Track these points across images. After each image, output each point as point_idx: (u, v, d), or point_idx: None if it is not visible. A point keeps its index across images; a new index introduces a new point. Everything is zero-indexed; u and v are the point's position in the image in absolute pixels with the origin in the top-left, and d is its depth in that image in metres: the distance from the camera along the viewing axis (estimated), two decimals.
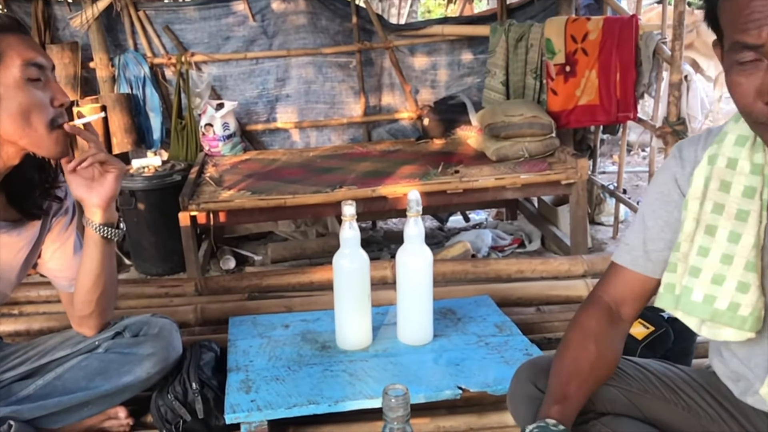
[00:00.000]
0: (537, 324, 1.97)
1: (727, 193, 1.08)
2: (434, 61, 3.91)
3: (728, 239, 1.08)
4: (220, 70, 3.90)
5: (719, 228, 1.08)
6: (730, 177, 1.09)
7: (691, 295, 1.11)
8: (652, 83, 3.04)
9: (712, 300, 1.10)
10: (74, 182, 1.34)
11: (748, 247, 1.07)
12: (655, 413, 1.23)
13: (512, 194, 3.12)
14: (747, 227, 1.07)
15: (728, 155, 1.09)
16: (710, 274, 1.09)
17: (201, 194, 3.04)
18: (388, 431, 0.91)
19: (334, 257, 1.65)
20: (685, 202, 1.14)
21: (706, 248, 1.10)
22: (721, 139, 1.11)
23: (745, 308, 1.07)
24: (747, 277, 1.07)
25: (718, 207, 1.09)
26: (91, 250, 1.40)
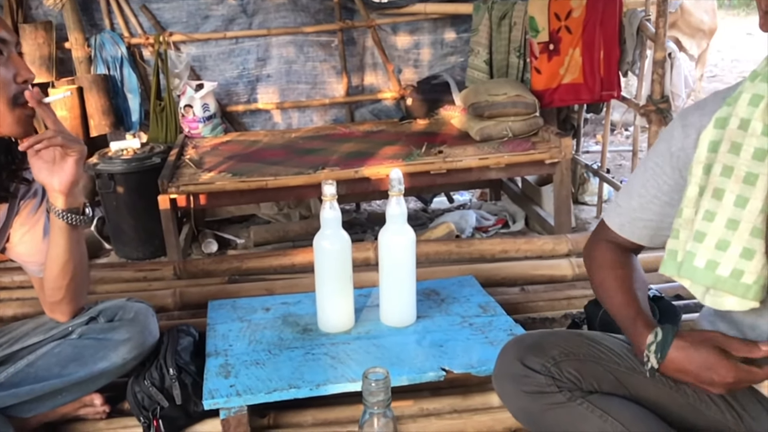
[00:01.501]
0: (521, 304, 1.96)
1: (737, 156, 1.05)
2: (417, 39, 3.86)
3: (735, 203, 1.05)
4: (199, 50, 3.82)
5: (726, 192, 1.05)
6: (741, 138, 1.05)
7: (693, 261, 1.09)
8: (635, 61, 3.02)
9: (715, 266, 1.07)
10: (35, 165, 1.28)
11: (755, 212, 1.03)
12: (642, 391, 1.22)
13: (496, 174, 3.09)
14: (755, 191, 1.03)
15: (741, 116, 1.05)
16: (715, 239, 1.07)
17: (181, 177, 2.99)
18: (368, 416, 0.88)
19: (314, 238, 1.62)
20: (690, 168, 1.11)
21: (712, 213, 1.07)
22: (735, 99, 1.07)
23: (749, 276, 1.05)
24: (752, 243, 1.04)
25: (727, 169, 1.05)
26: (57, 236, 1.35)
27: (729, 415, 1.22)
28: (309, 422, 1.52)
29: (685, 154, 1.13)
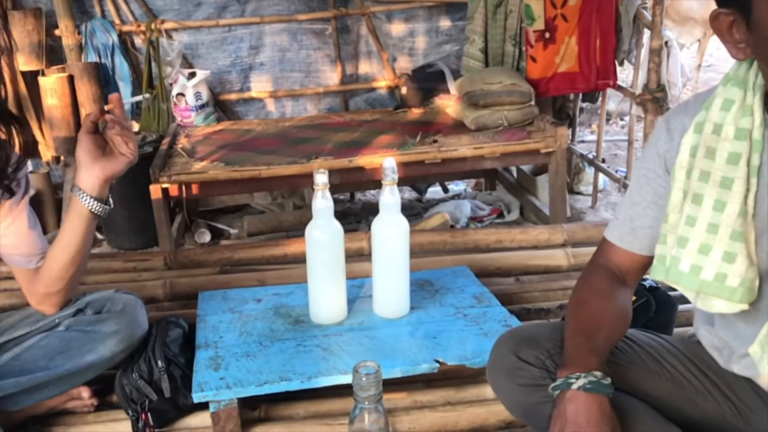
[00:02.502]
0: (516, 294, 1.94)
1: (713, 161, 1.05)
2: (412, 27, 3.82)
3: (713, 208, 1.05)
4: (191, 37, 3.77)
5: (705, 197, 1.05)
6: (715, 143, 1.05)
7: (678, 266, 1.09)
8: (632, 49, 2.99)
9: (699, 270, 1.07)
10: (84, 144, 1.28)
11: (733, 216, 1.03)
12: (640, 385, 1.21)
13: (491, 164, 3.07)
14: (732, 195, 1.03)
15: (714, 121, 1.06)
16: (697, 244, 1.06)
17: (172, 166, 2.96)
18: (359, 411, 0.86)
19: (306, 228, 1.59)
20: (673, 172, 1.10)
21: (693, 218, 1.07)
22: (709, 104, 1.07)
23: (732, 279, 1.04)
24: (733, 247, 1.04)
25: (704, 175, 1.05)
26: (75, 224, 1.33)
27: (726, 408, 1.21)
28: (301, 415, 1.50)
29: (670, 155, 1.13)
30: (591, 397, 1.05)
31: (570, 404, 1.05)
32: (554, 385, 1.08)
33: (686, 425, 1.20)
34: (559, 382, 1.08)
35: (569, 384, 1.06)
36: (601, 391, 1.06)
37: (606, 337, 1.14)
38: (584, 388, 1.05)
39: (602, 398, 1.06)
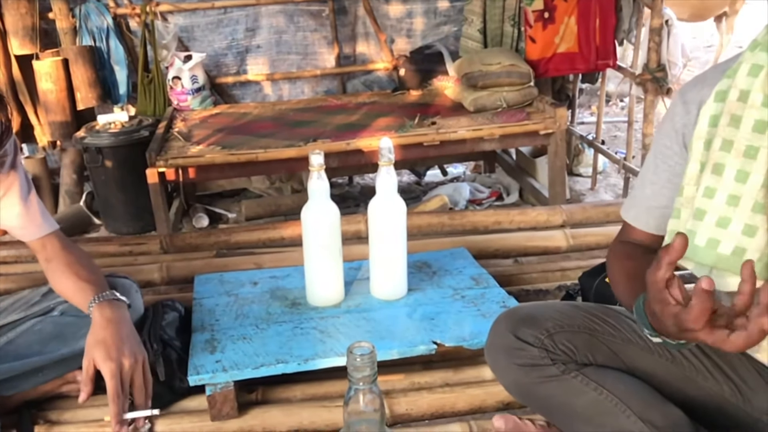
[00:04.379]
0: (515, 276, 1.92)
1: (737, 129, 1.00)
2: (410, 8, 3.78)
3: (735, 178, 1.00)
4: (186, 20, 3.73)
5: (727, 167, 1.01)
6: (741, 111, 1.00)
7: (694, 240, 1.04)
8: (632, 29, 2.95)
9: (716, 244, 1.02)
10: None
11: (757, 186, 0.99)
12: (638, 363, 1.20)
13: (490, 146, 3.04)
14: (756, 165, 0.99)
15: (741, 87, 1.01)
16: (715, 216, 1.02)
17: (169, 150, 2.94)
18: (354, 393, 0.84)
19: (302, 211, 1.57)
20: (689, 144, 1.07)
21: (712, 189, 1.02)
22: (735, 70, 1.03)
23: (751, 253, 1.00)
24: (755, 219, 1.00)
25: (727, 144, 1.01)
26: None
27: (726, 387, 1.19)
28: (298, 397, 1.49)
29: (689, 130, 1.09)
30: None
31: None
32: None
33: (685, 404, 1.19)
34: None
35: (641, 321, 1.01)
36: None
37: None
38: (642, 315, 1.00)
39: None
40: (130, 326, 1.29)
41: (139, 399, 1.24)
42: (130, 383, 1.24)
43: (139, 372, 1.24)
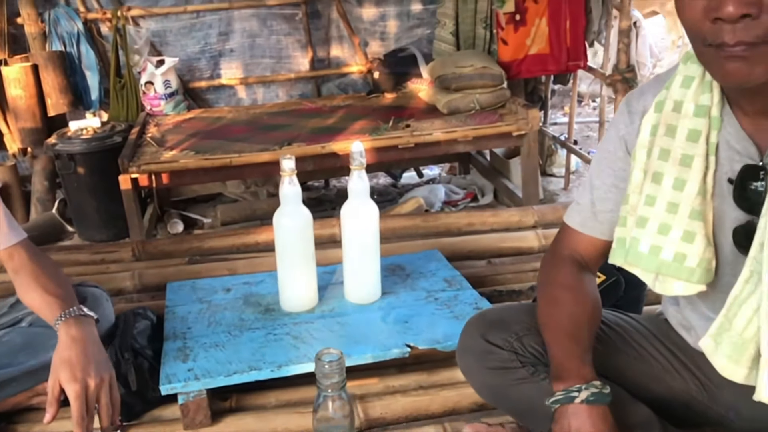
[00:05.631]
0: (488, 277, 1.94)
1: (673, 138, 1.04)
2: (383, 11, 3.79)
3: (673, 186, 1.04)
4: (158, 24, 3.70)
5: (665, 175, 1.04)
6: (675, 121, 1.04)
7: (638, 247, 1.07)
8: (601, 30, 3.00)
9: (658, 251, 1.06)
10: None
11: (693, 194, 1.02)
12: (607, 363, 1.21)
13: (464, 147, 3.07)
14: (691, 173, 1.02)
15: (675, 98, 1.05)
16: (656, 223, 1.05)
17: (142, 155, 2.92)
18: (323, 399, 0.85)
19: (274, 215, 1.57)
20: (633, 153, 1.09)
21: (652, 197, 1.06)
22: (670, 83, 1.07)
23: (691, 259, 1.04)
24: (692, 225, 1.03)
25: (664, 153, 1.05)
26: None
27: (693, 385, 1.22)
28: (272, 404, 1.48)
29: (631, 138, 1.12)
30: (594, 409, 1.04)
31: (574, 419, 1.04)
32: (554, 400, 1.06)
33: (653, 402, 1.20)
34: (560, 396, 1.06)
35: (572, 398, 1.05)
36: (603, 402, 1.05)
37: (589, 336, 1.13)
38: (587, 401, 1.04)
39: (605, 408, 1.05)
40: (97, 344, 1.26)
41: (104, 420, 1.22)
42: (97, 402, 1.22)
43: (105, 391, 1.21)
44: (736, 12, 0.83)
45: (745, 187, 1.01)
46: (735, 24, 0.84)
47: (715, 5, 0.84)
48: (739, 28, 0.84)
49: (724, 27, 0.85)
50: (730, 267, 1.04)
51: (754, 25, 0.84)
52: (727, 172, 1.02)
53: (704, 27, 0.88)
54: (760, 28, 0.84)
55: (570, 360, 1.09)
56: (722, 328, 1.03)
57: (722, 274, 1.06)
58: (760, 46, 0.85)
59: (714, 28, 0.86)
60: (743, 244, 1.01)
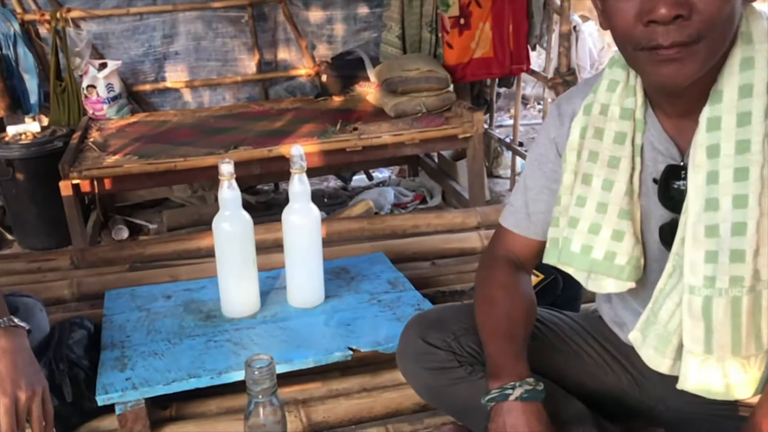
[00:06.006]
0: (432, 278, 1.96)
1: (601, 141, 1.07)
2: (330, 15, 3.78)
3: (602, 187, 1.07)
4: (100, 27, 3.62)
5: (594, 176, 1.08)
6: (602, 124, 1.08)
7: (570, 246, 1.11)
8: (543, 34, 3.06)
9: (589, 250, 1.09)
10: None
11: (620, 194, 1.06)
12: (542, 360, 1.24)
13: (411, 150, 3.09)
14: (619, 174, 1.06)
15: (601, 102, 1.08)
16: (587, 223, 1.09)
17: (84, 161, 2.86)
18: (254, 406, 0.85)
19: (213, 220, 1.56)
20: (564, 155, 1.12)
21: (583, 198, 1.09)
22: (597, 86, 1.10)
23: (620, 257, 1.07)
24: (621, 225, 1.07)
25: (593, 155, 1.08)
26: None
27: (625, 379, 1.25)
28: (213, 411, 1.47)
29: (562, 141, 1.15)
30: (528, 406, 1.06)
31: (509, 416, 1.06)
32: (490, 398, 1.08)
33: (587, 397, 1.24)
34: (495, 394, 1.08)
35: (506, 395, 1.07)
36: (537, 398, 1.08)
37: (524, 334, 1.15)
38: (521, 398, 1.06)
39: (539, 405, 1.08)
40: (28, 355, 1.23)
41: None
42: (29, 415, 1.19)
43: (37, 404, 1.18)
44: (669, 13, 0.86)
45: (668, 186, 1.05)
46: (668, 26, 0.87)
47: (648, 9, 0.87)
48: (672, 29, 0.87)
49: (657, 29, 0.88)
50: (658, 264, 1.08)
51: (685, 26, 0.87)
52: (652, 173, 1.06)
53: (636, 31, 0.90)
54: (692, 27, 0.87)
55: (505, 358, 1.11)
56: (648, 321, 1.07)
57: (650, 271, 1.10)
58: (692, 45, 0.88)
59: (647, 32, 0.89)
60: (669, 241, 1.05)
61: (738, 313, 0.97)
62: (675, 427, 1.25)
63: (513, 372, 1.09)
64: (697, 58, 0.89)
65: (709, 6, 0.86)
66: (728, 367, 0.99)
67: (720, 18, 0.88)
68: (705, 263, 0.97)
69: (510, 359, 1.11)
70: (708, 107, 0.97)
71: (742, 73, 0.95)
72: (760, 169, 0.93)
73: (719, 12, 0.87)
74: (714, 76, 0.96)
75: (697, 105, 0.98)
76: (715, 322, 0.97)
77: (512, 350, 1.12)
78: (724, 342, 0.98)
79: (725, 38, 0.92)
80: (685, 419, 1.20)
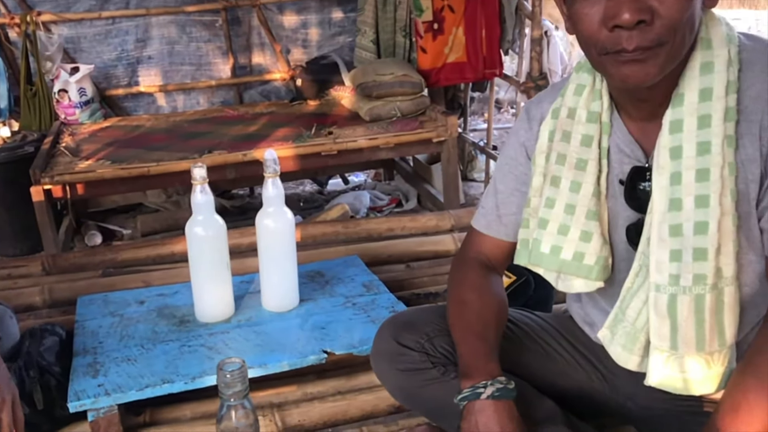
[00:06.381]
0: (407, 280, 1.97)
1: (568, 143, 1.10)
2: (304, 19, 3.79)
3: (570, 189, 1.09)
4: (72, 30, 3.58)
5: (562, 178, 1.10)
6: (570, 127, 1.10)
7: (540, 248, 1.13)
8: (515, 39, 3.10)
9: (558, 251, 1.11)
10: None
11: (588, 195, 1.08)
12: (515, 360, 1.26)
13: (386, 154, 3.10)
14: (586, 176, 1.08)
15: (569, 105, 1.11)
16: (556, 225, 1.11)
17: (56, 166, 2.83)
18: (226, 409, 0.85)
19: (186, 225, 1.56)
20: (533, 158, 1.14)
21: (552, 199, 1.11)
22: (564, 90, 1.12)
23: (589, 257, 1.10)
24: (589, 225, 1.09)
25: (561, 157, 1.10)
26: None
27: (595, 377, 1.27)
28: (188, 416, 1.47)
29: (531, 144, 1.17)
30: (500, 404, 1.07)
31: (481, 415, 1.07)
32: (462, 397, 1.09)
33: (558, 396, 1.26)
34: (467, 393, 1.09)
35: (478, 394, 1.08)
36: (508, 397, 1.09)
37: (496, 334, 1.17)
38: (492, 396, 1.07)
39: (510, 403, 1.09)
40: None
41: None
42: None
43: (7, 411, 1.16)
44: (633, 18, 0.88)
45: (634, 187, 1.07)
46: (632, 31, 0.89)
47: (612, 14, 0.89)
48: (635, 34, 0.90)
49: (621, 34, 0.90)
50: (625, 263, 1.10)
51: (648, 30, 0.89)
52: (618, 174, 1.09)
53: (602, 36, 0.92)
54: (654, 32, 0.90)
55: (477, 358, 1.13)
56: (617, 319, 1.10)
57: (618, 271, 1.12)
58: (654, 48, 0.91)
59: (612, 36, 0.91)
60: (635, 240, 1.07)
61: (701, 310, 0.99)
62: (645, 424, 1.28)
63: (484, 371, 1.10)
64: (658, 60, 0.92)
65: (670, 12, 0.89)
66: (692, 362, 1.02)
67: (680, 23, 0.91)
68: (670, 262, 1.00)
69: (482, 359, 1.12)
70: (670, 110, 0.99)
71: (702, 77, 0.97)
72: (720, 170, 0.96)
73: (680, 18, 0.90)
74: (676, 80, 0.99)
75: (661, 108, 1.01)
76: (680, 319, 1.00)
77: (484, 350, 1.14)
78: (689, 338, 1.00)
79: (686, 43, 0.94)
80: (654, 416, 1.22)
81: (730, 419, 0.96)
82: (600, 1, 0.91)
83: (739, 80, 0.97)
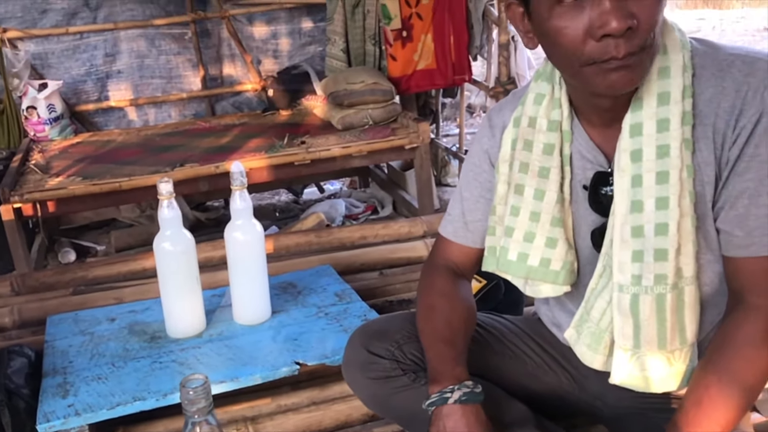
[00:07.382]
0: (380, 288, 1.98)
1: (530, 152, 1.11)
2: (274, 30, 3.80)
3: (534, 197, 1.11)
4: (39, 46, 3.56)
5: (526, 186, 1.11)
6: (531, 136, 1.11)
7: (507, 255, 1.14)
8: (483, 45, 3.13)
9: (525, 258, 1.13)
10: None
11: (552, 203, 1.10)
12: (485, 364, 1.27)
13: (359, 162, 3.12)
14: (549, 183, 1.10)
15: (529, 114, 1.12)
16: (522, 232, 1.12)
17: (25, 183, 2.81)
18: (191, 426, 0.85)
19: (154, 240, 1.55)
20: (497, 166, 1.16)
21: (516, 207, 1.12)
22: (524, 100, 1.14)
23: (555, 263, 1.11)
24: (553, 232, 1.10)
25: (524, 166, 1.11)
26: None
27: (564, 378, 1.29)
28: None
29: (494, 152, 1.18)
30: (467, 408, 1.08)
31: (448, 419, 1.08)
32: (430, 402, 1.10)
33: (528, 398, 1.27)
34: (434, 398, 1.10)
35: (445, 399, 1.08)
36: (475, 401, 1.10)
37: (464, 339, 1.18)
38: (460, 400, 1.08)
39: (478, 407, 1.10)
40: None
41: None
42: None
43: None
44: (622, 26, 0.88)
45: (597, 192, 1.09)
46: (619, 39, 0.89)
47: (600, 24, 0.89)
48: (622, 41, 0.89)
49: (610, 42, 0.90)
50: (591, 266, 1.12)
51: (634, 35, 0.90)
52: (581, 180, 1.10)
53: (587, 47, 0.91)
54: (638, 37, 0.90)
55: (444, 363, 1.14)
56: (582, 319, 1.11)
57: (584, 274, 1.14)
58: (640, 53, 0.92)
59: (600, 46, 0.90)
60: (600, 244, 1.09)
61: (663, 309, 1.01)
62: (614, 423, 1.29)
63: (452, 376, 1.11)
64: (643, 65, 0.93)
65: (649, 17, 0.90)
66: (654, 360, 1.04)
67: (657, 26, 0.93)
68: (632, 262, 1.01)
69: (449, 364, 1.13)
70: (630, 114, 1.01)
71: (659, 81, 0.99)
72: (679, 172, 0.98)
73: (657, 21, 0.92)
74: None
75: (621, 113, 1.02)
76: (642, 318, 1.02)
77: (452, 355, 1.15)
78: (651, 337, 1.02)
79: (659, 46, 0.96)
80: (623, 414, 1.24)
81: (693, 414, 0.98)
82: (580, 13, 0.90)
83: (693, 85, 0.99)
